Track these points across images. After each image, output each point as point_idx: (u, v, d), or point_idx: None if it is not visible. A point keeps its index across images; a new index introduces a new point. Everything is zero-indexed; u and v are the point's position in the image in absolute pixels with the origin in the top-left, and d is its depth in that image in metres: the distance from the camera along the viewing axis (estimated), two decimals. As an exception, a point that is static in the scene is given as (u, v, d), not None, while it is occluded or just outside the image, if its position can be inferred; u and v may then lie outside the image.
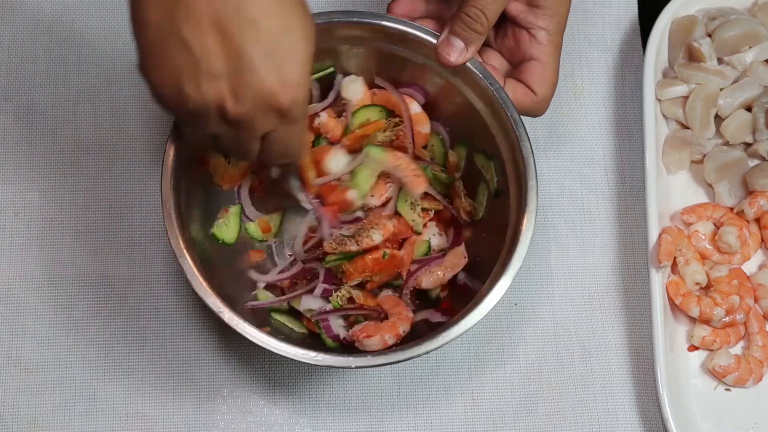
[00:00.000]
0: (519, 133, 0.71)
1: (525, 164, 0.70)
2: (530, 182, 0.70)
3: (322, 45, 0.73)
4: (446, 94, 0.76)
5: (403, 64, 0.75)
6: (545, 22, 0.73)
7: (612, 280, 0.85)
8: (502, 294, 0.68)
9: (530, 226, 0.69)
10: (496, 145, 0.73)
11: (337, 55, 0.76)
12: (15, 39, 0.86)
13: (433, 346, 0.67)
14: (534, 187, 0.69)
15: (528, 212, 0.69)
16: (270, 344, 0.66)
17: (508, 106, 0.71)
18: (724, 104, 0.85)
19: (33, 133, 0.84)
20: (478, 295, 0.69)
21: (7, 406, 0.77)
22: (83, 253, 0.81)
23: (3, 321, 0.79)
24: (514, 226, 0.70)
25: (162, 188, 0.68)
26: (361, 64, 0.77)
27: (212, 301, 0.66)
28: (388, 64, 0.76)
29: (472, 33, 0.70)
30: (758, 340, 0.82)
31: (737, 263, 0.84)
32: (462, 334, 0.67)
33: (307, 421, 0.79)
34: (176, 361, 0.79)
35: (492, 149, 0.74)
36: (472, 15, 0.69)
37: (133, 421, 0.78)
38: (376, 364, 0.67)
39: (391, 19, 0.73)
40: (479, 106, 0.73)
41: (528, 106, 0.74)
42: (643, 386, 0.82)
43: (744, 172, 0.85)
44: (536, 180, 0.70)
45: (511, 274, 0.68)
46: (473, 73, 0.72)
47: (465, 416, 0.80)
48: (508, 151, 0.72)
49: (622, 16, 0.92)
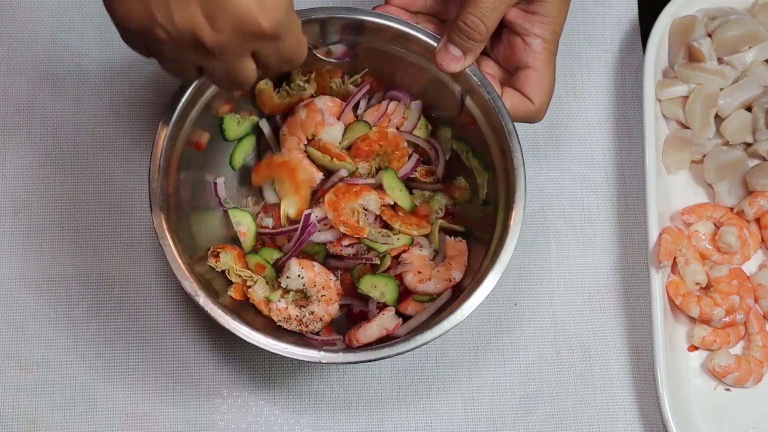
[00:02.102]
0: (512, 143, 0.71)
1: (515, 175, 0.70)
2: (518, 193, 0.70)
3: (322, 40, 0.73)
4: (442, 97, 0.76)
5: (398, 64, 0.76)
6: (541, 29, 0.72)
7: (612, 280, 0.85)
8: (488, 291, 0.68)
9: (515, 235, 0.69)
10: (489, 152, 0.74)
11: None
12: (15, 39, 0.86)
13: (407, 347, 0.67)
14: (522, 198, 0.70)
15: (513, 224, 0.69)
16: (240, 331, 0.67)
17: (503, 115, 0.71)
18: (724, 104, 0.85)
19: (33, 133, 0.84)
20: (457, 302, 0.69)
21: (7, 406, 0.77)
22: (83, 253, 0.81)
23: (3, 321, 0.79)
24: (499, 236, 0.71)
25: (150, 169, 0.68)
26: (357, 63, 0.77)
27: (188, 285, 0.67)
28: (383, 64, 0.76)
29: (470, 42, 0.70)
30: (758, 340, 0.82)
31: (737, 263, 0.84)
32: (453, 327, 0.67)
33: (307, 421, 0.79)
34: (176, 361, 0.79)
35: (486, 156, 0.75)
36: (470, 24, 0.69)
37: (133, 421, 0.78)
38: (346, 361, 0.67)
39: (393, 18, 0.73)
40: (477, 114, 0.74)
41: (526, 115, 0.73)
42: (643, 386, 0.82)
43: (744, 172, 0.85)
44: (525, 192, 0.70)
45: (492, 280, 0.69)
46: (472, 81, 0.72)
47: (465, 416, 0.80)
48: (500, 159, 0.73)
49: (622, 16, 0.92)
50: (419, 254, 0.77)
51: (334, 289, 0.75)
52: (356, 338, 0.73)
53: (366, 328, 0.73)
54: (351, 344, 0.73)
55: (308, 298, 0.74)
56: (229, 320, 0.67)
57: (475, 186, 0.77)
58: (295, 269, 0.74)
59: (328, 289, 0.74)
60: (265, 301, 0.74)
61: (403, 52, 0.74)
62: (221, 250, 0.74)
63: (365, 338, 0.73)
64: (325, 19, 0.72)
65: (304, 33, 0.59)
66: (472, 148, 0.77)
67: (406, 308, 0.76)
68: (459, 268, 0.76)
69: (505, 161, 0.72)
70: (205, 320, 0.80)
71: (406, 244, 0.77)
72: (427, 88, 0.77)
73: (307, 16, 0.71)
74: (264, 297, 0.74)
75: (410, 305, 0.76)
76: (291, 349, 0.66)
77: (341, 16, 0.72)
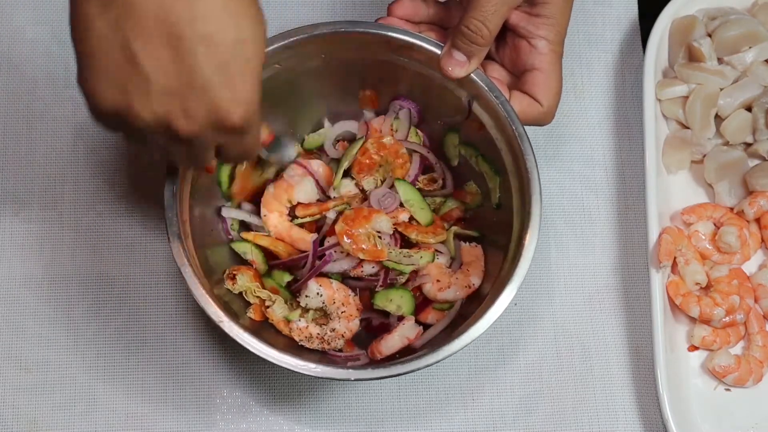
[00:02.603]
0: (524, 147, 0.70)
1: (529, 178, 0.70)
2: (534, 197, 0.69)
3: (335, 55, 0.73)
4: (449, 104, 0.76)
5: (403, 74, 0.75)
6: (545, 31, 0.72)
7: (612, 280, 0.85)
8: (504, 307, 0.68)
9: (533, 240, 0.68)
10: (500, 157, 0.73)
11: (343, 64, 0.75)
12: (15, 39, 0.86)
13: (434, 359, 0.66)
14: (538, 201, 0.69)
15: (531, 228, 0.69)
16: (268, 354, 0.65)
17: (513, 119, 0.70)
18: (724, 104, 0.85)
19: (33, 133, 0.84)
20: (479, 309, 0.68)
21: (7, 406, 0.77)
22: (83, 253, 0.81)
23: (3, 321, 0.79)
24: (516, 240, 0.70)
25: (164, 197, 0.67)
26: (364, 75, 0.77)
27: (213, 311, 0.66)
28: (389, 74, 0.76)
29: (474, 46, 0.70)
30: (758, 340, 0.82)
31: (737, 263, 0.84)
32: (463, 347, 0.67)
33: (307, 422, 0.79)
34: (176, 361, 0.79)
35: (497, 161, 0.74)
36: (473, 28, 0.68)
37: (133, 421, 0.78)
38: (376, 377, 0.67)
39: (396, 30, 0.72)
40: (485, 119, 0.73)
41: (535, 117, 0.73)
42: (643, 386, 0.82)
43: (744, 172, 0.85)
44: (540, 195, 0.69)
45: (514, 286, 0.68)
46: (479, 86, 0.72)
47: (465, 416, 0.80)
48: (512, 163, 0.72)
49: (622, 16, 0.92)
50: (437, 263, 0.76)
51: (353, 305, 0.74)
52: (379, 351, 0.73)
53: (387, 340, 0.73)
54: (374, 357, 0.73)
55: (328, 316, 0.74)
56: (256, 343, 0.65)
57: (487, 190, 0.77)
58: (313, 288, 0.73)
59: (348, 305, 0.74)
60: (284, 320, 0.74)
61: (408, 62, 0.74)
62: (237, 272, 0.74)
63: (387, 350, 0.73)
64: (327, 35, 0.71)
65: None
66: (481, 153, 0.76)
67: (427, 317, 0.76)
68: (477, 274, 0.76)
69: (517, 165, 0.71)
70: (206, 321, 0.80)
71: (429, 261, 0.75)
72: (432, 96, 0.76)
73: (310, 32, 0.71)
74: (283, 317, 0.74)
75: (430, 314, 0.76)
76: (320, 368, 0.65)
77: (344, 31, 0.71)
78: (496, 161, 0.74)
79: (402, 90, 0.78)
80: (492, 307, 0.67)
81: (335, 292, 0.74)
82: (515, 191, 0.72)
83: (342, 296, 0.74)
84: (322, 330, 0.74)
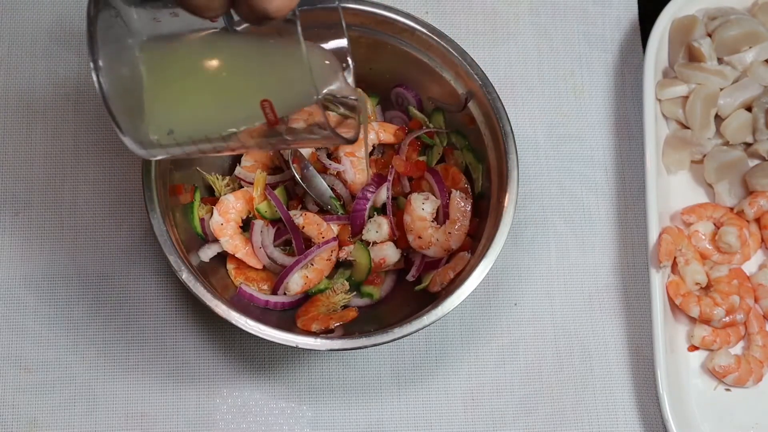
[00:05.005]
0: (507, 145, 0.73)
1: (509, 176, 0.72)
2: (511, 195, 0.72)
3: None
4: (446, 94, 0.78)
5: (404, 58, 0.77)
6: None
7: (612, 280, 0.85)
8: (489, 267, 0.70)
9: (502, 236, 0.71)
10: (485, 151, 0.76)
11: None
12: (15, 39, 0.86)
13: (411, 330, 0.68)
14: (513, 201, 0.72)
15: (502, 225, 0.71)
16: (233, 318, 0.67)
17: (501, 117, 0.73)
18: (724, 104, 0.85)
19: (33, 133, 0.84)
20: (456, 281, 0.71)
21: (7, 406, 0.77)
22: (83, 253, 0.81)
23: (3, 321, 0.79)
24: (489, 232, 0.72)
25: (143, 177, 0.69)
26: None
27: (174, 260, 0.68)
28: (387, 56, 0.78)
29: None
30: (758, 340, 0.82)
31: (737, 263, 0.84)
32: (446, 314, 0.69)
33: (308, 421, 0.79)
34: (176, 360, 0.79)
35: (482, 154, 0.77)
36: None
37: (133, 421, 0.78)
38: (354, 346, 0.68)
39: (400, 12, 0.74)
40: (476, 113, 0.76)
41: None
42: (643, 386, 0.82)
43: (744, 172, 0.85)
44: (516, 193, 0.72)
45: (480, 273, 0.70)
46: (474, 81, 0.74)
47: (465, 416, 0.80)
48: (495, 159, 0.75)
49: (622, 16, 0.93)
50: (419, 215, 0.77)
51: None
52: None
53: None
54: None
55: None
56: (221, 306, 0.67)
57: (470, 180, 0.79)
58: None
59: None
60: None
61: (408, 45, 0.76)
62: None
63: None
64: (333, 9, 0.72)
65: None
66: (469, 143, 0.79)
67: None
68: (458, 238, 0.76)
69: (499, 162, 0.74)
70: (206, 320, 0.80)
71: None
72: (431, 84, 0.78)
73: (314, 3, 0.72)
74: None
75: None
76: (284, 335, 0.67)
77: (350, 6, 0.73)
78: (480, 152, 0.77)
79: (401, 74, 0.79)
80: (468, 280, 0.69)
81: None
82: (495, 181, 0.75)
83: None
84: None
